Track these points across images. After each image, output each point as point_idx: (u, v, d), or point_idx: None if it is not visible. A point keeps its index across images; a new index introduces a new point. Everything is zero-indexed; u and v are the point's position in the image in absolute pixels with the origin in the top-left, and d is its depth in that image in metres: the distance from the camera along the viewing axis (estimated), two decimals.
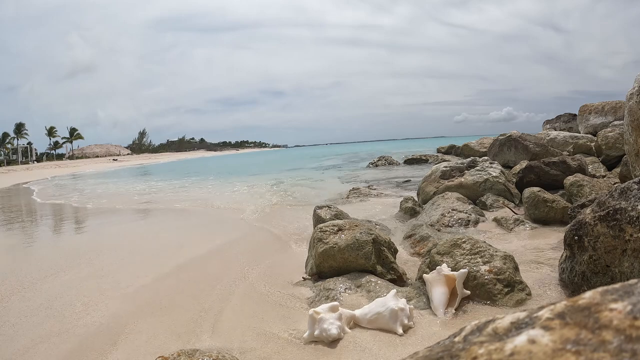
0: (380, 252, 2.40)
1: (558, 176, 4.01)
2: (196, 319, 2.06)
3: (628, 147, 2.87)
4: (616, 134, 5.72)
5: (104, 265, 3.16)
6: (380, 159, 14.06)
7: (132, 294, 2.51)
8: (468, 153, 11.27)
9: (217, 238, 3.96)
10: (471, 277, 1.99)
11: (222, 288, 2.48)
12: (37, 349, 1.86)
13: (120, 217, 6.01)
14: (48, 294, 2.55)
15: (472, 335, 0.48)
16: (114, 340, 1.89)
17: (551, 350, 0.38)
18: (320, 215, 3.65)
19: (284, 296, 2.28)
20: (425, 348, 0.52)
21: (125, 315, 2.18)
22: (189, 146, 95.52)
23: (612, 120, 8.42)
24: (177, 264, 3.06)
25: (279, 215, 4.97)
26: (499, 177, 4.50)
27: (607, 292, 0.45)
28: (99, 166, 33.25)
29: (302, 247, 3.33)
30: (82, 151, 68.69)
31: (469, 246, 2.15)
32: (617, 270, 1.70)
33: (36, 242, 4.42)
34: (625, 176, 3.89)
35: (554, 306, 0.46)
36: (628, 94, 2.76)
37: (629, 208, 1.67)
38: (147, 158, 54.42)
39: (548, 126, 12.44)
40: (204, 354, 1.51)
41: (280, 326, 1.90)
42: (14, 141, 55.46)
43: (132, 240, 4.25)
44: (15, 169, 33.59)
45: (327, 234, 2.47)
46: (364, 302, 2.03)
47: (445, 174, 4.79)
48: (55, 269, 3.12)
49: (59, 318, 2.19)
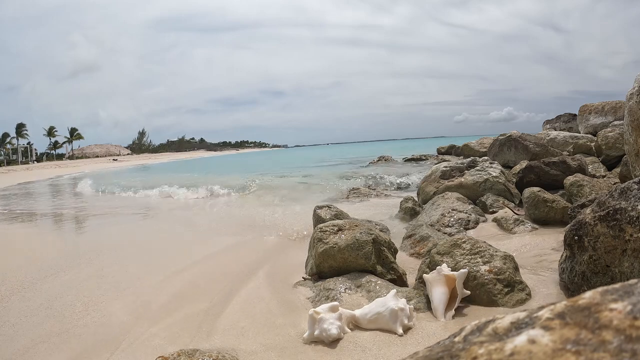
0: (380, 252, 2.40)
1: (558, 176, 4.01)
2: (197, 319, 2.06)
3: (628, 147, 2.87)
4: (616, 134, 5.71)
5: (104, 266, 3.16)
6: (380, 158, 14.07)
7: (133, 293, 2.51)
8: (468, 153, 11.26)
9: (218, 238, 3.96)
10: (471, 277, 1.99)
11: (223, 289, 2.48)
12: (37, 349, 1.86)
13: (118, 218, 6.02)
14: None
15: (472, 335, 0.48)
16: (114, 340, 1.89)
17: (551, 350, 0.38)
18: (320, 215, 3.65)
19: (283, 296, 2.28)
20: (425, 348, 0.52)
21: (126, 315, 2.18)
22: (189, 146, 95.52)
23: (612, 120, 8.41)
24: (178, 266, 3.06)
25: (278, 215, 4.97)
26: (499, 177, 4.50)
27: (607, 292, 0.45)
28: (99, 166, 33.24)
29: (302, 247, 3.33)
30: (82, 151, 68.69)
31: (469, 246, 2.15)
32: (617, 270, 1.70)
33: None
34: (625, 176, 3.89)
35: (554, 306, 0.46)
36: (628, 94, 2.76)
37: (629, 208, 1.67)
38: (147, 158, 54.38)
39: (548, 126, 12.43)
40: (204, 354, 1.51)
41: (280, 326, 1.90)
42: (14, 141, 55.51)
43: (132, 240, 4.25)
44: (15, 168, 33.60)
45: (327, 234, 2.47)
46: (364, 302, 2.03)
47: (445, 174, 4.79)
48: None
49: (59, 318, 2.19)
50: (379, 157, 14.51)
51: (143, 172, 20.45)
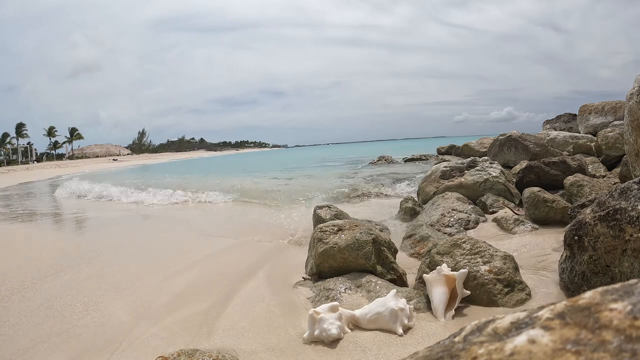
0: (380, 252, 2.40)
1: (558, 176, 4.01)
2: (197, 319, 2.06)
3: (628, 147, 2.87)
4: (616, 134, 5.71)
5: (104, 266, 3.16)
6: (380, 158, 14.07)
7: (134, 293, 2.51)
8: (468, 153, 11.26)
9: (218, 239, 3.96)
10: (471, 277, 1.99)
11: (223, 289, 2.48)
12: (38, 349, 1.86)
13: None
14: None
15: (472, 335, 0.48)
16: (114, 340, 1.89)
17: (551, 350, 0.38)
18: (320, 215, 3.65)
19: (283, 296, 2.28)
20: (425, 348, 0.52)
21: (126, 315, 2.18)
22: (189, 146, 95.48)
23: (612, 120, 8.41)
24: (179, 265, 3.06)
25: (278, 215, 4.97)
26: (499, 177, 4.50)
27: (607, 292, 0.45)
28: (99, 166, 33.23)
29: (302, 247, 3.33)
30: (82, 151, 68.65)
31: (469, 246, 2.15)
32: (617, 270, 1.70)
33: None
34: (625, 176, 3.89)
35: (554, 306, 0.46)
36: (628, 94, 2.76)
37: (629, 208, 1.67)
38: (147, 158, 54.29)
39: (548, 126, 12.42)
40: (204, 354, 1.51)
41: (280, 326, 1.90)
42: (13, 141, 55.49)
43: (132, 241, 4.25)
44: (15, 168, 33.60)
45: (327, 234, 2.47)
46: (364, 302, 2.03)
47: (445, 174, 4.79)
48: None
49: (59, 318, 2.19)
50: (379, 157, 14.51)
51: (143, 172, 20.46)
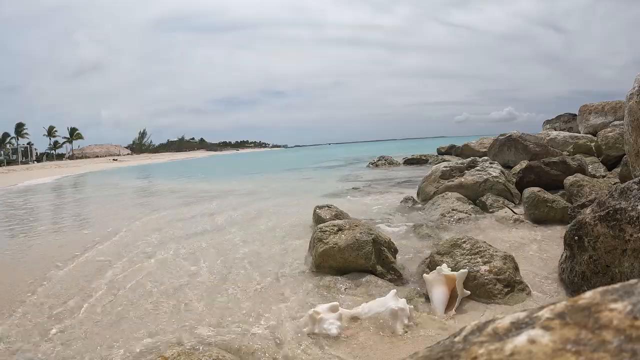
0: (380, 252, 2.40)
1: (558, 176, 4.01)
2: (197, 319, 2.06)
3: (628, 147, 2.87)
4: (616, 134, 5.72)
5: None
6: (380, 158, 14.07)
7: (130, 286, 2.51)
8: (468, 153, 11.26)
9: (219, 237, 3.96)
10: (471, 277, 1.99)
11: (223, 289, 2.48)
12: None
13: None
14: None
15: (472, 335, 0.48)
16: (111, 339, 1.89)
17: (551, 350, 0.38)
18: (320, 215, 3.65)
19: (283, 296, 2.28)
20: (425, 348, 0.52)
21: (124, 312, 2.17)
22: (188, 146, 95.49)
23: (612, 120, 8.41)
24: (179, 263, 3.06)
25: (278, 215, 4.97)
26: (499, 177, 4.50)
27: (607, 292, 0.45)
28: (99, 166, 33.23)
29: (302, 247, 3.33)
30: (82, 151, 68.65)
31: (469, 246, 2.15)
32: (617, 270, 1.70)
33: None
34: (625, 176, 3.89)
35: (554, 306, 0.46)
36: (628, 94, 2.76)
37: (629, 208, 1.67)
38: (147, 158, 54.21)
39: (548, 126, 12.43)
40: (204, 353, 1.51)
41: (280, 326, 1.90)
42: (13, 141, 55.50)
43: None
44: (15, 169, 33.59)
45: (327, 234, 2.47)
46: (364, 302, 2.03)
47: (445, 174, 4.79)
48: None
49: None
50: (379, 157, 14.49)
51: (143, 172, 20.47)
